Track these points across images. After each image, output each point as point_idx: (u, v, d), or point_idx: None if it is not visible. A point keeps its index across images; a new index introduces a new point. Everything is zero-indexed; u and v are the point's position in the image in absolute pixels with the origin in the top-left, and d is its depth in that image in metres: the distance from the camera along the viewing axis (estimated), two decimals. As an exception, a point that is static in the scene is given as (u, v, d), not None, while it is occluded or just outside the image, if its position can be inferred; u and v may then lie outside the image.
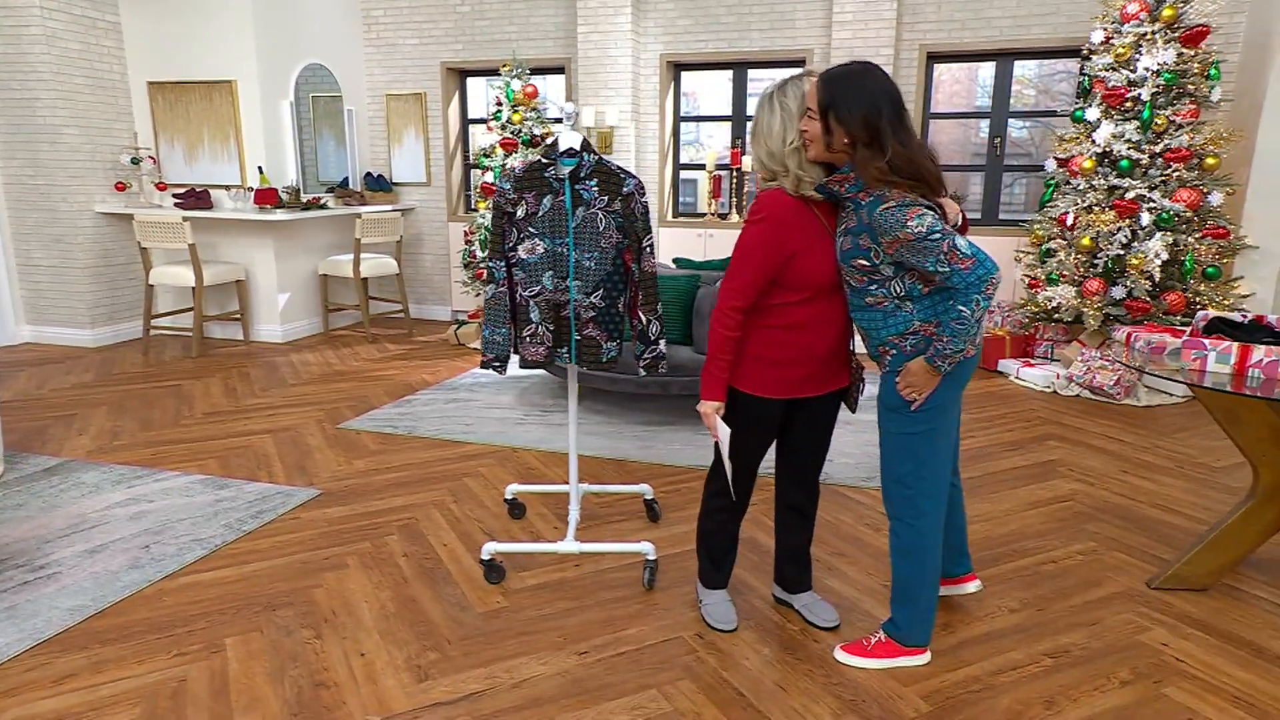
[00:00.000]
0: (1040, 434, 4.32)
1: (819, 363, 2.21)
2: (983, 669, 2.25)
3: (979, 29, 5.95)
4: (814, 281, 2.10)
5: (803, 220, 2.09)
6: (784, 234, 2.07)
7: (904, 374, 2.08)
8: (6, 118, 5.95)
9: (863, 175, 1.97)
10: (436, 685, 2.18)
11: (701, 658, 2.32)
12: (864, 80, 1.97)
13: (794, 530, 2.51)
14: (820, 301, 2.14)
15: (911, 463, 2.14)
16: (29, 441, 4.07)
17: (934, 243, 1.91)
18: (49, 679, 2.18)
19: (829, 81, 1.98)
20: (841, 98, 1.96)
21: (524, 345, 2.53)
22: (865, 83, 1.96)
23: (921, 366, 2.04)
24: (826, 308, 2.16)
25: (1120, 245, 4.87)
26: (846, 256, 2.06)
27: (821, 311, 2.15)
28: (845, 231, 2.06)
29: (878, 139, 1.95)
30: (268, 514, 3.23)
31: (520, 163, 2.48)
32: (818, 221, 2.11)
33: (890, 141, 1.94)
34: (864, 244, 2.02)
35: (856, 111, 1.95)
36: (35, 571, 2.73)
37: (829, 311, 2.16)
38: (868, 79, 1.97)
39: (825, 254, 2.10)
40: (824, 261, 2.10)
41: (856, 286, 2.10)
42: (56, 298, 6.24)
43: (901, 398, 2.10)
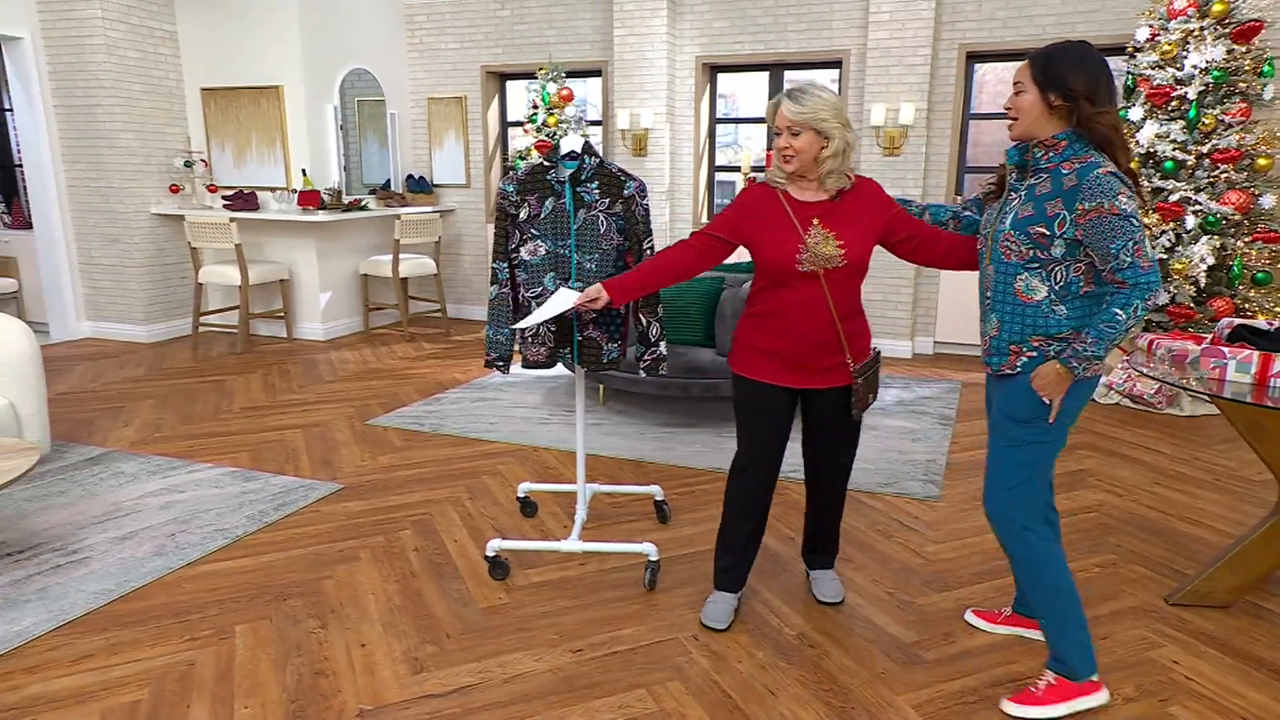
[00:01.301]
0: (1073, 443, 4.20)
1: (805, 352, 2.29)
2: (980, 680, 2.21)
3: (1021, 27, 5.80)
4: (771, 266, 2.24)
5: (769, 210, 2.27)
6: (743, 213, 2.31)
7: (1036, 377, 1.97)
8: (70, 124, 6.25)
9: (1092, 130, 1.93)
10: (430, 678, 2.23)
11: (694, 659, 2.33)
12: (1080, 49, 1.97)
13: (813, 522, 2.65)
14: (788, 289, 2.25)
15: (1027, 470, 2.05)
16: (77, 432, 4.27)
17: (1134, 228, 1.84)
18: (68, 658, 2.29)
19: (1046, 52, 1.98)
20: (1062, 60, 1.94)
21: (526, 346, 2.57)
22: (1082, 51, 1.96)
23: (1055, 369, 1.93)
24: (797, 295, 2.25)
25: (1164, 249, 4.70)
26: (1023, 224, 1.96)
27: (795, 299, 2.25)
28: (1031, 197, 1.97)
29: (1101, 98, 1.91)
30: (289, 506, 3.33)
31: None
32: (784, 212, 2.25)
33: (1110, 101, 1.93)
34: (1051, 211, 1.92)
35: (1081, 71, 1.92)
36: (68, 556, 2.87)
37: (805, 299, 2.24)
38: (1083, 48, 1.97)
39: (783, 241, 2.21)
40: (781, 248, 2.21)
41: (1010, 262, 2.00)
42: (114, 295, 6.53)
43: (1036, 407, 1.99)
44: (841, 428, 2.44)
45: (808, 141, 2.18)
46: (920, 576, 2.80)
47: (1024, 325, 2.00)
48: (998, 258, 2.03)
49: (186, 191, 6.67)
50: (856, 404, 2.35)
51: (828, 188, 2.24)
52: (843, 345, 2.30)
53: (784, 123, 2.19)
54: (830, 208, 2.25)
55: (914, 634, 2.44)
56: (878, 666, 2.28)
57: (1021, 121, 2.00)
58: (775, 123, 2.22)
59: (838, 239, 2.21)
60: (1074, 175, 1.90)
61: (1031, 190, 1.98)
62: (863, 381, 2.34)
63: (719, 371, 4.28)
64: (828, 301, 2.25)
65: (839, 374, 2.33)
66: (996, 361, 2.07)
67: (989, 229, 2.09)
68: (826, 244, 2.21)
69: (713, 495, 3.49)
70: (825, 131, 2.17)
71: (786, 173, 2.25)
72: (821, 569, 2.70)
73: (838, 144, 2.18)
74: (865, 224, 2.26)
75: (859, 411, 2.37)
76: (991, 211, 2.12)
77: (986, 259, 2.09)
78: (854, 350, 2.32)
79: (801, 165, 2.21)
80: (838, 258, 2.21)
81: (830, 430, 2.45)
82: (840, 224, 2.23)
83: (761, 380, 2.35)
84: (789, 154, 2.20)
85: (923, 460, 3.92)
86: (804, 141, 2.18)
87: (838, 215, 2.25)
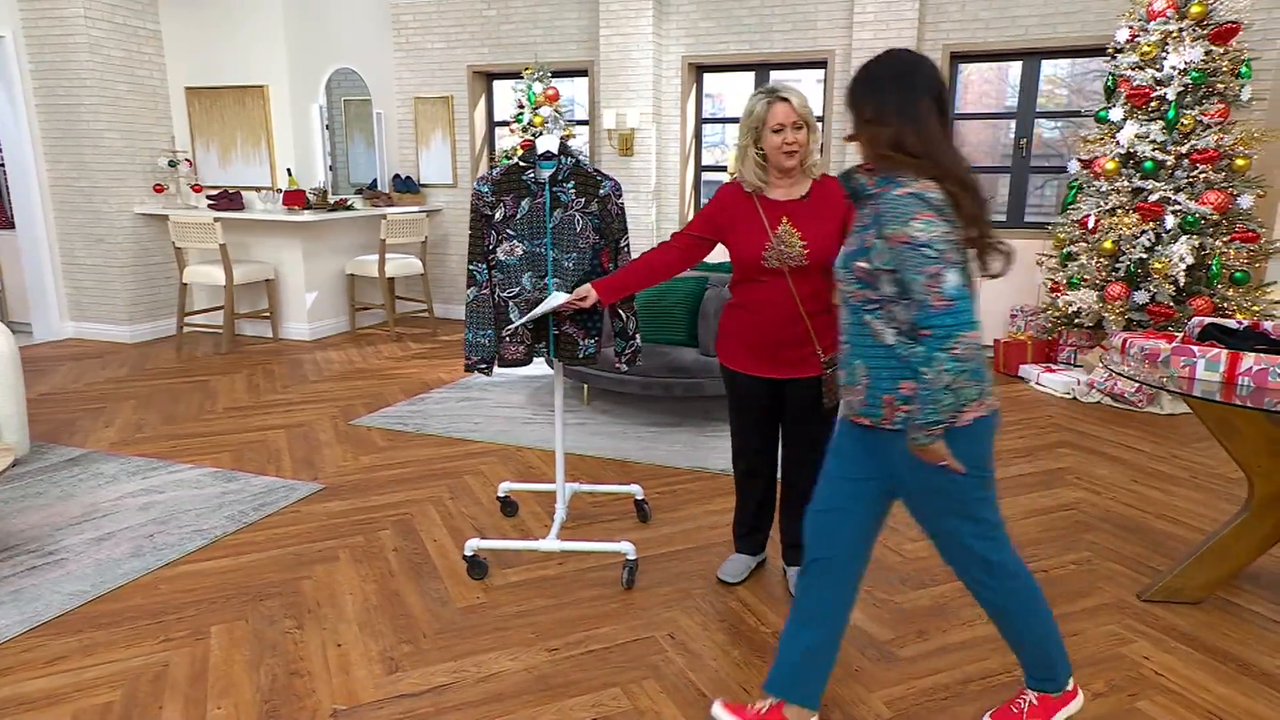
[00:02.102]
0: (1053, 441, 4.23)
1: (774, 343, 2.37)
2: (952, 677, 2.22)
3: (1004, 28, 5.84)
4: (741, 261, 2.36)
5: (742, 207, 2.36)
6: (719, 210, 2.40)
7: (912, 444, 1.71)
8: (53, 122, 6.22)
9: (867, 151, 1.74)
10: (405, 677, 2.23)
11: (670, 658, 2.33)
12: (872, 67, 1.75)
13: (787, 518, 2.65)
14: (758, 283, 2.35)
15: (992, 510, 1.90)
16: (57, 433, 4.25)
17: (927, 258, 1.57)
18: (41, 660, 2.28)
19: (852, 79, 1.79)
20: (856, 85, 1.76)
21: (504, 345, 2.57)
22: (873, 69, 1.75)
23: (913, 447, 1.71)
24: (766, 290, 2.34)
25: (1143, 249, 4.74)
26: (848, 259, 1.77)
27: (764, 293, 2.34)
28: (855, 229, 1.80)
29: (889, 115, 1.68)
30: (269, 507, 3.32)
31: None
32: (755, 211, 2.34)
33: (896, 115, 1.67)
34: (868, 240, 1.71)
35: (869, 93, 1.73)
36: (44, 557, 2.86)
37: (773, 294, 2.33)
38: (875, 65, 1.75)
39: (752, 239, 2.30)
40: (749, 245, 2.31)
41: (853, 305, 1.79)
42: (97, 295, 6.49)
43: (938, 472, 1.74)
44: (812, 421, 2.47)
45: (806, 136, 2.28)
46: (898, 574, 2.81)
47: (885, 371, 1.74)
48: (846, 302, 1.81)
49: (171, 191, 6.63)
50: (827, 393, 2.39)
51: (811, 175, 2.34)
52: (811, 338, 2.35)
53: (789, 118, 2.25)
54: (799, 206, 2.33)
55: (889, 631, 2.46)
56: (852, 664, 2.30)
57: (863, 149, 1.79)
58: (772, 121, 2.25)
59: (802, 238, 2.29)
60: (881, 199, 1.69)
61: (858, 222, 1.80)
62: (833, 372, 2.36)
63: (702, 371, 4.29)
64: (794, 297, 2.32)
65: (810, 365, 2.39)
66: (874, 415, 1.79)
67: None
68: (791, 242, 2.29)
69: (694, 494, 3.50)
70: (813, 125, 2.30)
71: (788, 167, 2.30)
72: (794, 565, 2.71)
73: (818, 135, 2.32)
74: (832, 223, 2.31)
75: (829, 401, 2.39)
76: None
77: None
78: (824, 343, 2.35)
79: (803, 158, 2.30)
80: (801, 255, 2.29)
81: (802, 423, 2.50)
82: (806, 223, 2.31)
83: (737, 370, 2.49)
84: (794, 148, 2.27)
85: (904, 459, 3.94)
86: (804, 135, 2.28)
87: (805, 214, 2.32)
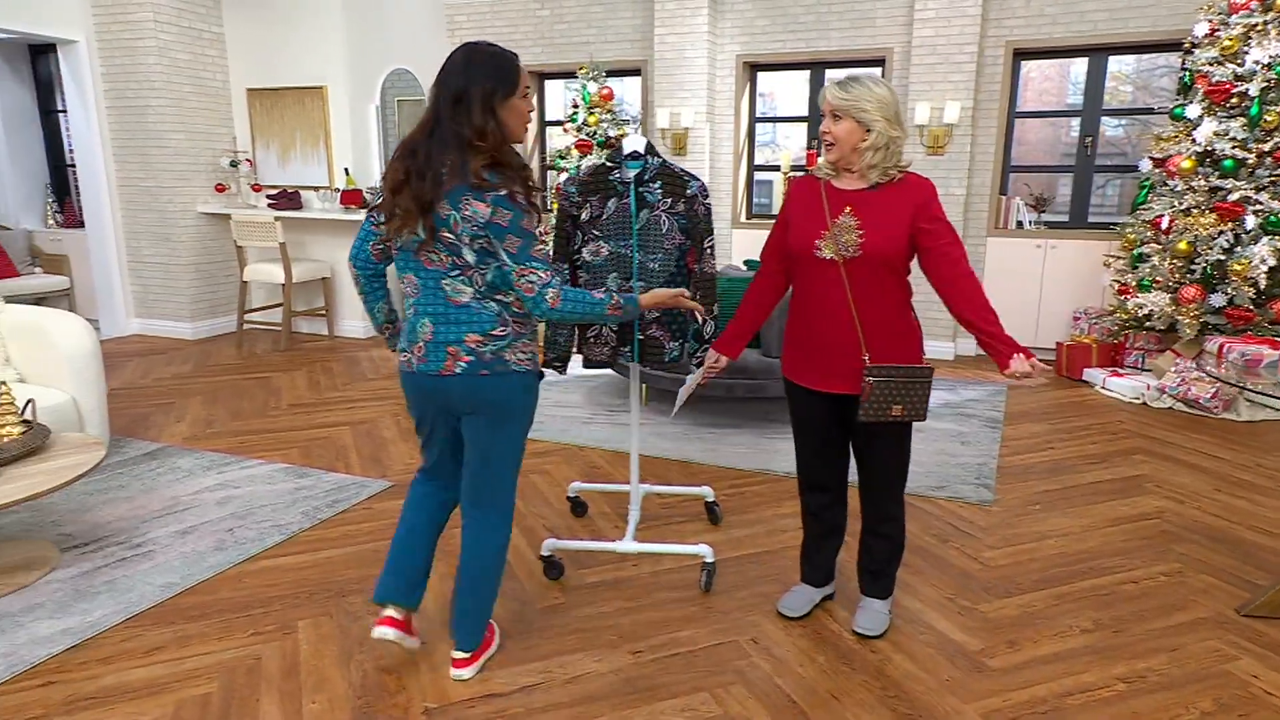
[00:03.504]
0: (1127, 448, 4.12)
1: (826, 347, 2.24)
2: (1050, 690, 2.17)
3: (1071, 23, 5.70)
4: (794, 251, 2.25)
5: (807, 196, 2.27)
6: (787, 204, 2.32)
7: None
8: (122, 124, 6.38)
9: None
10: (493, 676, 2.24)
11: (755, 663, 2.31)
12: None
13: (862, 536, 2.49)
14: (810, 278, 2.24)
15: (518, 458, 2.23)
16: (133, 427, 4.35)
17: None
18: (140, 650, 2.34)
19: None
20: None
21: (588, 346, 2.57)
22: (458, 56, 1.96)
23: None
24: (818, 285, 2.22)
25: (1221, 250, 4.59)
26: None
27: (816, 288, 2.23)
28: None
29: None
30: (342, 503, 3.37)
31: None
32: (820, 200, 2.23)
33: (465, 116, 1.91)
34: None
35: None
36: (133, 549, 2.92)
37: (825, 289, 2.21)
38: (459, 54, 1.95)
39: (810, 226, 2.21)
40: (805, 233, 2.21)
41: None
42: (161, 293, 6.65)
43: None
44: (871, 440, 2.30)
45: (847, 129, 2.13)
46: (979, 583, 2.76)
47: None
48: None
49: (232, 191, 6.77)
50: (865, 406, 2.15)
51: (869, 180, 2.18)
52: (861, 344, 2.18)
53: (827, 107, 2.17)
54: (865, 197, 2.17)
55: (978, 641, 2.41)
56: (943, 674, 2.25)
57: None
58: (822, 107, 2.20)
59: (860, 228, 2.14)
60: None
61: None
62: (875, 381, 2.14)
63: (764, 372, 4.25)
64: (847, 294, 2.17)
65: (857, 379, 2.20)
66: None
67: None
68: (848, 232, 2.15)
69: (762, 497, 3.47)
70: (866, 122, 2.12)
71: (825, 160, 2.23)
72: (868, 595, 2.50)
73: (878, 137, 2.12)
74: (895, 218, 2.15)
75: (866, 415, 2.16)
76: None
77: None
78: (874, 348, 2.19)
79: (839, 153, 2.17)
80: (855, 246, 2.14)
81: (871, 444, 2.32)
82: (869, 214, 2.15)
83: (796, 383, 2.35)
84: (828, 139, 2.18)
85: (973, 464, 3.87)
86: (843, 129, 2.14)
87: (870, 205, 2.16)
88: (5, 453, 2.62)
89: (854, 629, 2.43)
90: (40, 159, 7.44)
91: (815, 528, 2.54)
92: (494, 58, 1.96)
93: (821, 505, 2.50)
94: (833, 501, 2.49)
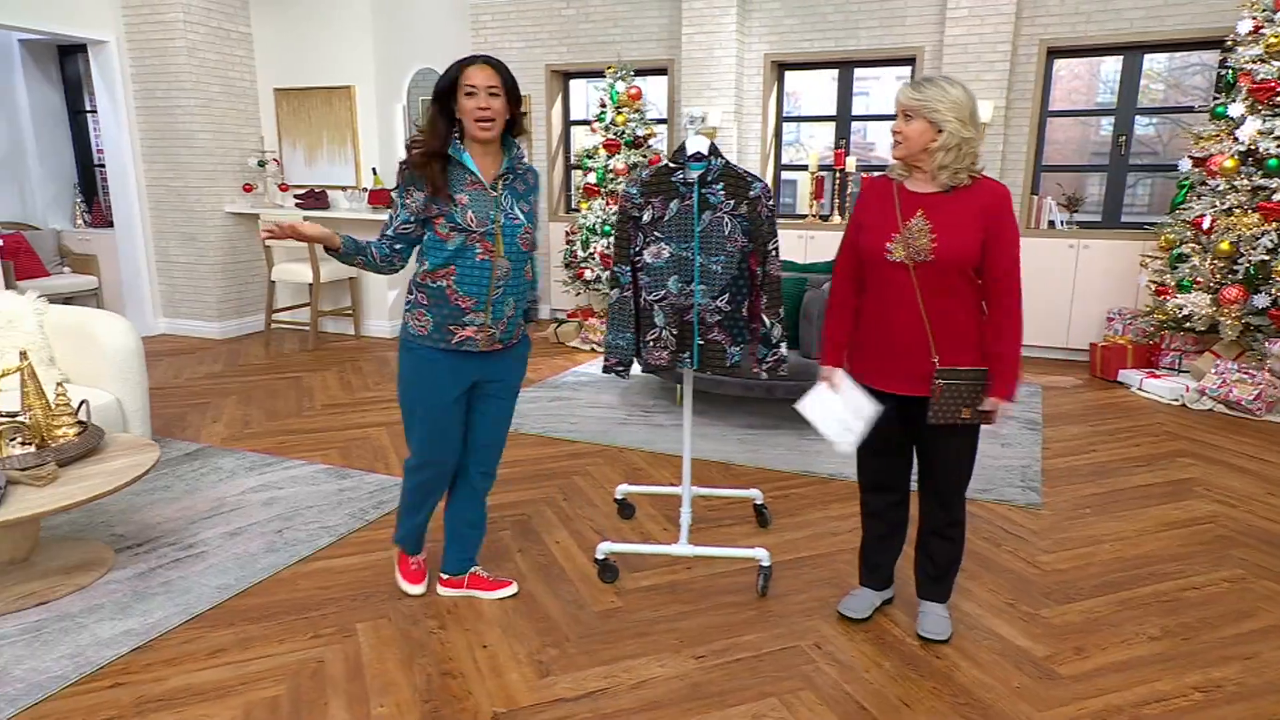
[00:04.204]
0: (1171, 450, 4.08)
1: (894, 350, 2.23)
2: (1124, 699, 2.14)
3: (1106, 21, 5.65)
4: (864, 253, 2.24)
5: (879, 197, 2.26)
6: (859, 206, 2.31)
7: None
8: (151, 124, 6.39)
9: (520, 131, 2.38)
10: (558, 681, 2.23)
11: (821, 668, 2.29)
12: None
13: (921, 538, 2.47)
14: (880, 281, 2.22)
15: None
16: (171, 427, 4.36)
17: None
18: (203, 652, 2.33)
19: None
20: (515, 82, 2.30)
21: (647, 350, 2.55)
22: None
23: None
24: (888, 289, 2.21)
25: (1265, 250, 4.54)
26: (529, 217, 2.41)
27: (887, 292, 2.21)
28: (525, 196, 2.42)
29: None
30: (387, 505, 3.35)
31: (647, 166, 2.52)
32: (892, 201, 2.22)
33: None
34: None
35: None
36: (185, 550, 2.92)
37: (895, 293, 2.20)
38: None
39: (881, 228, 2.20)
40: (876, 235, 2.20)
41: (526, 252, 2.41)
42: (189, 292, 6.67)
43: None
44: (936, 443, 2.29)
45: (918, 129, 2.12)
46: (1038, 587, 2.73)
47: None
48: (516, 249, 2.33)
49: (259, 190, 6.78)
50: (935, 408, 2.17)
51: (940, 182, 2.16)
52: (931, 347, 2.17)
53: (899, 107, 2.16)
54: (938, 200, 2.16)
55: (1043, 648, 2.38)
56: (1012, 681, 2.23)
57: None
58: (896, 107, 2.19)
59: (933, 232, 2.13)
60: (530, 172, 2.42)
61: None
62: (945, 384, 2.15)
63: (804, 373, 4.22)
64: (917, 297, 2.16)
65: (926, 382, 2.20)
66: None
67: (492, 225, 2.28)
68: (921, 235, 2.14)
69: (808, 499, 3.45)
70: (938, 123, 2.10)
71: (893, 158, 2.22)
72: (928, 600, 2.48)
73: (949, 138, 2.10)
74: (968, 223, 2.13)
75: (936, 418, 2.18)
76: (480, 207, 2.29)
77: (500, 251, 2.30)
78: (943, 350, 2.17)
79: (908, 152, 2.15)
80: (927, 250, 2.13)
81: (938, 446, 2.30)
82: (942, 218, 2.14)
83: (862, 384, 2.32)
84: (897, 138, 2.17)
85: (1017, 466, 3.84)
86: (914, 128, 2.12)
87: (944, 210, 2.15)
88: (64, 454, 2.62)
89: (919, 633, 2.41)
90: (68, 159, 7.47)
91: (877, 528, 2.52)
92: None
93: (884, 505, 2.48)
94: (896, 502, 2.48)
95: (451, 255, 2.27)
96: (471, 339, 2.33)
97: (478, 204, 2.26)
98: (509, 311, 2.36)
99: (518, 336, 2.47)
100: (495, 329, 2.35)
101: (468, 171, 2.26)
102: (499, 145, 2.33)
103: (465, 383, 2.39)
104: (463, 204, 2.25)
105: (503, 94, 2.22)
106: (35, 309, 3.63)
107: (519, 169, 2.37)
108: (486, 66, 2.20)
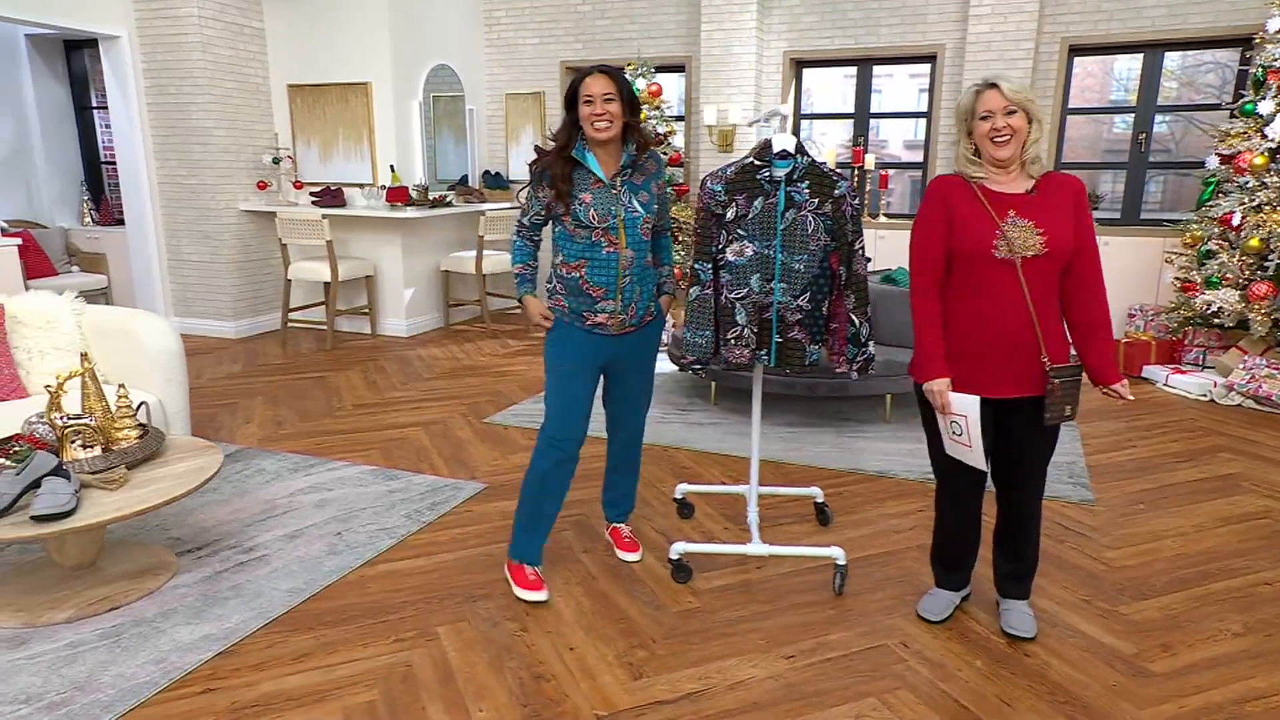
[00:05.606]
0: (1209, 446, 4.11)
1: (999, 352, 2.20)
2: (1225, 696, 2.15)
3: (1128, 19, 5.69)
4: (965, 252, 2.19)
5: (962, 196, 2.24)
6: (938, 205, 2.25)
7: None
8: (163, 121, 6.29)
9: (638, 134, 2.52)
10: (653, 683, 2.20)
11: (913, 667, 2.28)
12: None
13: (1002, 536, 2.47)
14: (983, 280, 2.18)
15: None
16: (202, 428, 4.28)
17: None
18: (288, 657, 2.29)
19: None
20: (628, 84, 2.45)
21: (728, 347, 2.53)
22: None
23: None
24: (992, 287, 2.18)
25: (1294, 248, 4.59)
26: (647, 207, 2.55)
27: (991, 290, 2.18)
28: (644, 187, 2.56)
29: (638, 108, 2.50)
30: (441, 506, 3.32)
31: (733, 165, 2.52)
32: (979, 201, 2.21)
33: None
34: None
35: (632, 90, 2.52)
36: (247, 553, 2.87)
37: (1001, 291, 2.17)
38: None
39: (980, 227, 2.17)
40: (977, 234, 2.17)
41: (646, 240, 2.55)
42: (202, 291, 6.57)
43: None
44: (1033, 438, 2.30)
45: (1022, 123, 2.16)
46: (1110, 584, 2.74)
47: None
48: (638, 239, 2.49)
49: (273, 188, 6.69)
50: (1051, 408, 2.20)
51: (1031, 174, 2.21)
52: (1040, 345, 2.20)
53: (998, 104, 2.14)
54: (1026, 200, 2.19)
55: (1130, 645, 2.38)
56: (1106, 679, 2.23)
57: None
58: (981, 107, 2.17)
59: (1038, 227, 2.15)
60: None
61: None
62: (1060, 383, 2.20)
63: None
64: (1024, 294, 2.17)
65: (1036, 380, 2.21)
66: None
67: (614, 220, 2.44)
68: (1026, 232, 2.15)
69: (863, 497, 3.44)
70: (1034, 115, 2.17)
71: (999, 158, 2.17)
72: (1011, 598, 2.49)
73: (1038, 128, 2.18)
74: (1063, 214, 2.18)
75: (1053, 419, 2.22)
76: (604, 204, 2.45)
77: (624, 243, 2.45)
78: (1050, 348, 2.20)
79: (1015, 146, 2.17)
80: (1038, 244, 2.14)
81: (1024, 445, 2.31)
82: (1039, 213, 2.17)
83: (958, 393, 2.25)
84: (1006, 134, 2.15)
85: (1063, 463, 3.85)
86: (1019, 122, 2.16)
87: (1035, 206, 2.18)
88: (130, 457, 2.56)
89: (1006, 630, 2.41)
90: (75, 156, 7.35)
91: (958, 516, 2.46)
92: None
93: (966, 491, 2.42)
94: (977, 489, 2.43)
95: (583, 250, 2.47)
96: (604, 324, 2.52)
97: (600, 201, 2.44)
98: (637, 296, 2.53)
99: (650, 316, 2.63)
100: (625, 314, 2.53)
101: (590, 172, 2.45)
102: (619, 145, 2.47)
103: (600, 359, 2.58)
104: (586, 202, 2.43)
105: (618, 99, 2.39)
106: (73, 309, 3.56)
107: (639, 161, 2.50)
108: (602, 76, 2.39)
